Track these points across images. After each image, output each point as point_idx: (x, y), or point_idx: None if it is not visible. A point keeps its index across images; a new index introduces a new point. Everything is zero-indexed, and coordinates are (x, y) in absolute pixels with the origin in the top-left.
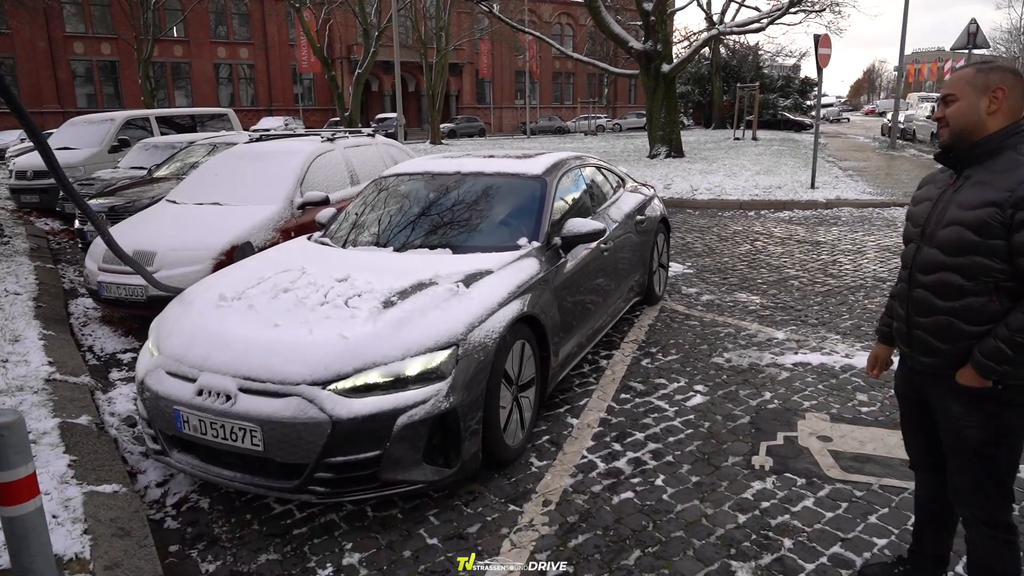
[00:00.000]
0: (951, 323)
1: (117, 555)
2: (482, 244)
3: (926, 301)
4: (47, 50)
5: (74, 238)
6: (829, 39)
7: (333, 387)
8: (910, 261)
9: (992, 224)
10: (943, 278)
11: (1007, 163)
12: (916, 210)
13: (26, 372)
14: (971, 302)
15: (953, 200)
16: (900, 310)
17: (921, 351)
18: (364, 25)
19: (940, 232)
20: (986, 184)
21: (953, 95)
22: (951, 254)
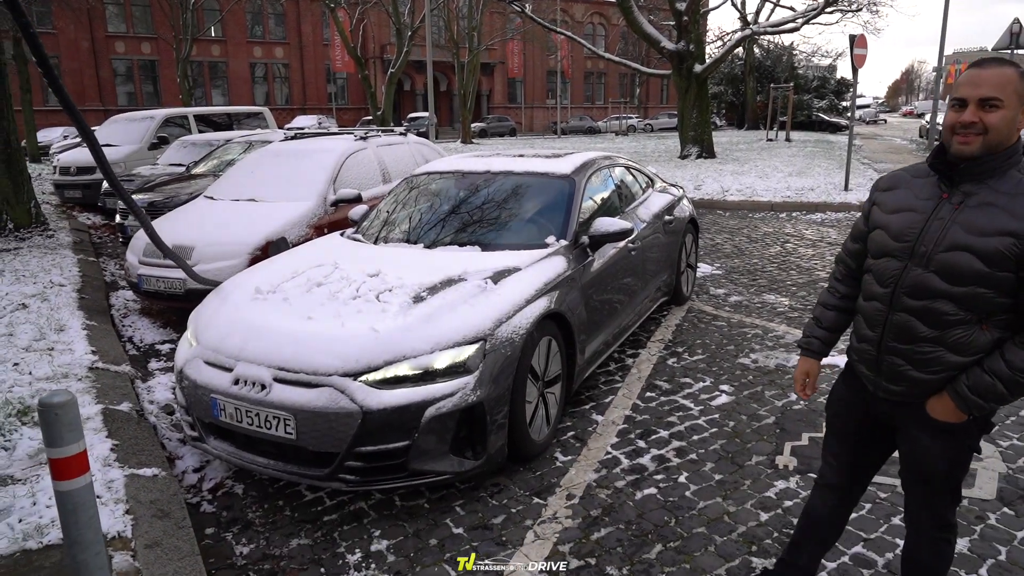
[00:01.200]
0: (935, 352)
1: (157, 535)
2: (511, 242)
3: (909, 327)
4: (90, 49)
5: (115, 232)
6: (865, 39)
7: (364, 379)
8: (893, 281)
9: (1007, 256)
10: (935, 306)
11: (1016, 186)
12: (895, 220)
13: (71, 360)
14: (961, 332)
15: (956, 220)
16: (868, 331)
17: (891, 378)
18: (397, 25)
19: (941, 256)
20: (997, 208)
21: (998, 100)
22: (954, 282)
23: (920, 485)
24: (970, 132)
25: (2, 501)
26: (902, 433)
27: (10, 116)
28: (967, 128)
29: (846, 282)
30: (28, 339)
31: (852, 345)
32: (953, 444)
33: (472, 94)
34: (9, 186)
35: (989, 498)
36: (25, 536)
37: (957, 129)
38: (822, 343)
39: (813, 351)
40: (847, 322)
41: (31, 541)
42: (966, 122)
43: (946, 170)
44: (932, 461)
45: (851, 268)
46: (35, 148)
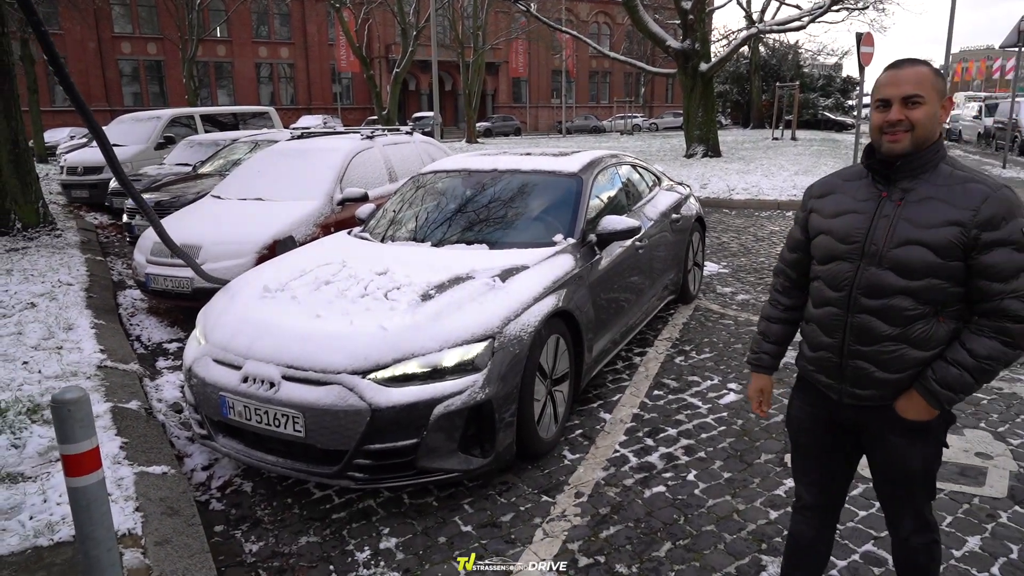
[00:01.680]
0: (899, 349)
1: (167, 532)
2: (518, 240)
3: (870, 327)
4: (96, 50)
5: (122, 232)
6: (872, 37)
7: (373, 376)
8: (848, 283)
9: (956, 245)
10: (893, 303)
11: (949, 178)
12: (839, 224)
13: (79, 359)
14: (921, 326)
15: (901, 216)
16: (827, 338)
17: (856, 383)
18: (402, 25)
19: (893, 252)
20: (938, 200)
21: (920, 96)
22: (909, 277)
23: (899, 489)
24: (898, 130)
25: (13, 498)
26: (873, 439)
27: (18, 116)
28: (895, 126)
29: (788, 293)
30: (37, 338)
31: (805, 356)
32: (925, 442)
33: (477, 94)
34: (17, 186)
35: (1000, 496)
36: (36, 533)
37: (885, 129)
38: (772, 357)
39: (764, 367)
40: (793, 333)
41: (42, 538)
42: (893, 120)
43: (882, 169)
44: (908, 463)
45: (792, 279)
46: (42, 148)
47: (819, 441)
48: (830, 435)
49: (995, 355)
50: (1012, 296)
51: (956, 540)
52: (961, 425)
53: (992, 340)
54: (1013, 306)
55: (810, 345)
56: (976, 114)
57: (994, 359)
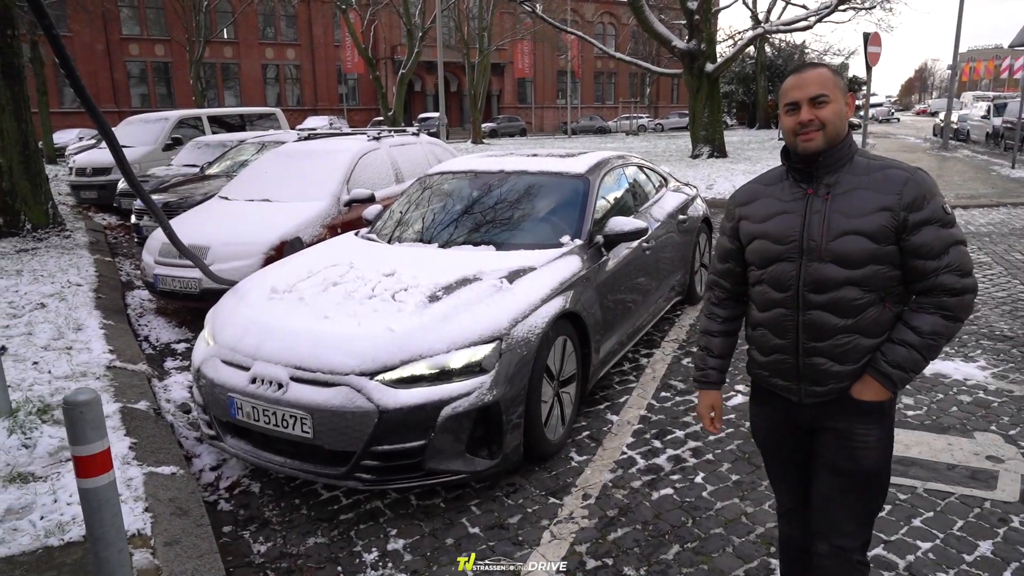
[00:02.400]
0: (853, 340)
1: (176, 532)
2: (525, 241)
3: (823, 322)
4: (105, 52)
5: (130, 233)
6: (879, 37)
7: (380, 378)
8: (792, 282)
9: (888, 229)
10: (842, 294)
11: (869, 167)
12: (773, 226)
13: (88, 359)
14: (870, 313)
15: (832, 209)
16: (779, 340)
17: (815, 380)
18: (408, 26)
19: (832, 245)
20: (864, 189)
21: (826, 95)
22: (851, 266)
23: (854, 486)
24: (810, 129)
25: (24, 498)
26: (830, 430)
27: (28, 118)
28: (806, 126)
29: (724, 305)
30: (47, 338)
31: (758, 362)
32: (880, 427)
33: (482, 94)
34: (27, 187)
35: (1012, 500)
36: (47, 533)
37: (798, 130)
38: (718, 372)
39: (712, 382)
40: (734, 344)
41: (53, 538)
42: (804, 121)
43: (804, 168)
44: (866, 451)
45: (727, 289)
46: (51, 150)
47: (785, 445)
48: (793, 437)
49: (938, 330)
50: (946, 271)
51: (967, 544)
52: (972, 428)
53: (933, 316)
54: (948, 280)
55: (761, 350)
56: (984, 114)
57: (938, 334)
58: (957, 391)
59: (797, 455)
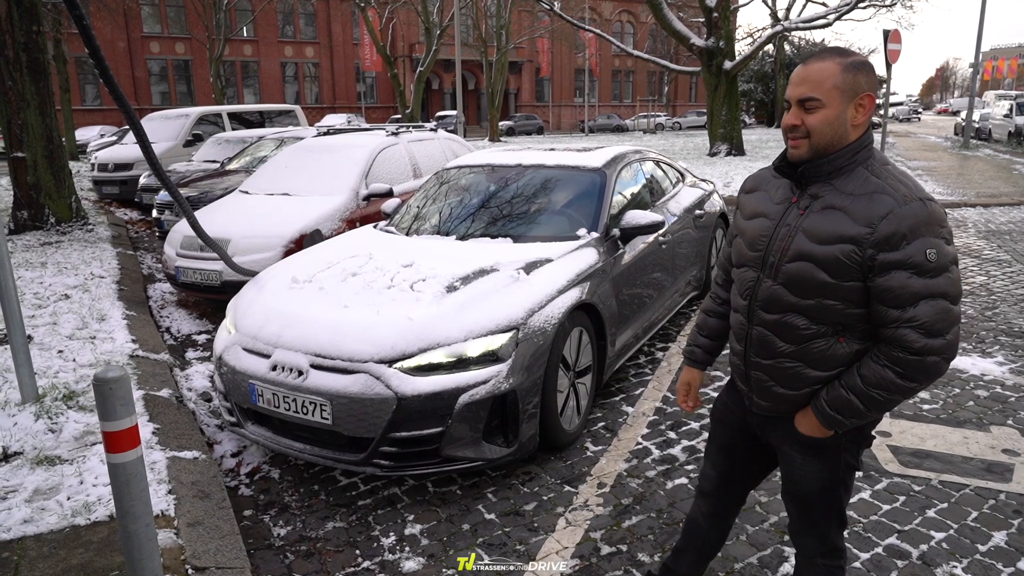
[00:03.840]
0: (795, 368)
1: (198, 514)
2: (542, 234)
3: (767, 341)
4: (126, 50)
5: (151, 227)
6: (899, 34)
7: (399, 365)
8: (749, 293)
9: (848, 264)
10: (788, 319)
11: (862, 185)
12: (751, 228)
13: (112, 348)
14: (817, 344)
15: (800, 227)
16: (737, 344)
17: (759, 393)
18: (426, 24)
19: (786, 267)
20: (838, 211)
21: (817, 100)
22: (801, 295)
23: (800, 507)
24: (797, 135)
25: (51, 480)
26: (778, 452)
27: (52, 113)
28: (792, 131)
29: (727, 287)
30: (71, 328)
31: (729, 356)
32: (826, 461)
33: (500, 92)
34: (51, 181)
35: None
36: (74, 513)
37: (787, 132)
38: (705, 352)
39: (697, 360)
40: (728, 330)
41: (79, 518)
42: (788, 125)
43: (792, 172)
44: (807, 481)
45: (729, 272)
46: (73, 147)
47: (732, 437)
48: (739, 434)
49: (885, 384)
50: (908, 325)
51: (982, 535)
52: (988, 422)
53: (884, 369)
54: (909, 336)
55: (730, 346)
56: (1007, 112)
57: (884, 388)
58: (974, 386)
59: (737, 450)
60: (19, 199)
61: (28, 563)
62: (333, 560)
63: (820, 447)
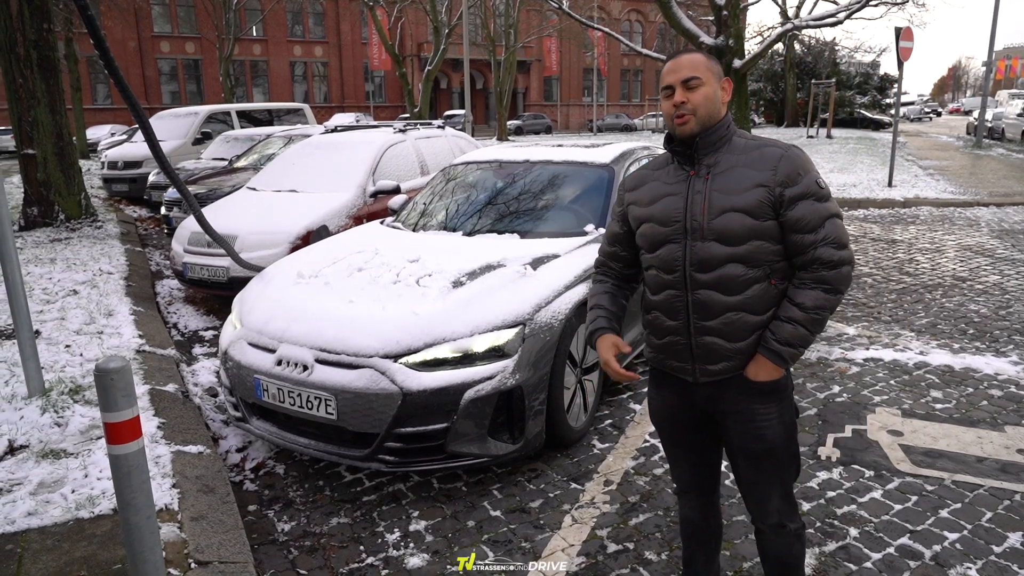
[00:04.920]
0: (740, 318)
1: (202, 508)
2: (549, 230)
3: (711, 301)
4: (136, 49)
5: (160, 224)
6: (911, 32)
7: (404, 360)
8: (679, 262)
9: (765, 204)
10: (727, 271)
11: (747, 146)
12: (658, 208)
13: (119, 343)
14: (756, 290)
15: (712, 189)
16: (672, 321)
17: (708, 359)
18: (435, 23)
19: (713, 223)
20: (741, 167)
21: (698, 78)
22: (733, 243)
23: (765, 463)
24: (684, 112)
25: (56, 473)
26: (730, 414)
27: (62, 111)
28: (680, 108)
29: (609, 275)
30: (79, 323)
31: (653, 345)
32: (783, 403)
33: (508, 92)
34: (61, 178)
35: None
36: (78, 506)
37: (673, 113)
38: (608, 319)
39: (603, 327)
40: (624, 309)
41: (83, 511)
42: (678, 102)
43: (684, 151)
44: (771, 430)
45: (613, 270)
46: (84, 145)
47: (681, 427)
48: (691, 420)
49: (820, 303)
50: (823, 244)
51: (996, 536)
52: (1002, 422)
53: (815, 290)
54: (825, 253)
55: (655, 334)
56: (1021, 112)
57: (820, 307)
58: (988, 385)
59: (693, 436)
60: (29, 196)
61: (31, 556)
62: (337, 556)
63: (776, 391)
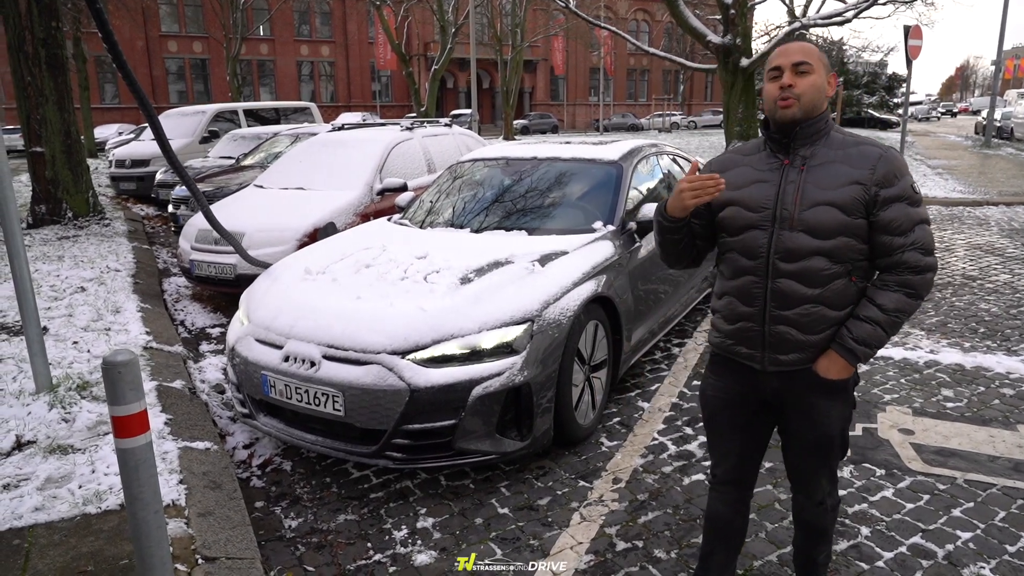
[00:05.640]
0: (818, 311)
1: (209, 504)
2: (557, 227)
3: (791, 291)
4: (144, 48)
5: (167, 222)
6: (920, 30)
7: (412, 357)
8: (763, 250)
9: (859, 202)
10: (811, 264)
11: (844, 142)
12: (747, 194)
13: (126, 340)
14: (836, 285)
15: (806, 180)
16: (746, 308)
17: (780, 349)
18: (441, 22)
19: (805, 214)
20: (838, 163)
21: (809, 64)
22: (822, 237)
23: (819, 452)
24: (789, 95)
25: (63, 468)
26: (795, 405)
27: (70, 109)
28: (786, 91)
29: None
30: (86, 319)
31: (722, 331)
32: (843, 401)
33: (515, 91)
34: (69, 176)
35: None
36: (85, 501)
37: (778, 96)
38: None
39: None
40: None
41: (90, 506)
42: (785, 84)
43: (781, 138)
44: (829, 423)
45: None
46: (92, 144)
47: (735, 418)
48: (746, 411)
49: (901, 307)
50: (911, 248)
51: (1010, 536)
52: (1015, 420)
53: (897, 293)
54: (912, 258)
55: (727, 319)
56: None
57: (901, 311)
58: (1000, 384)
59: (745, 431)
60: (37, 194)
61: (38, 551)
62: (344, 553)
63: (842, 388)
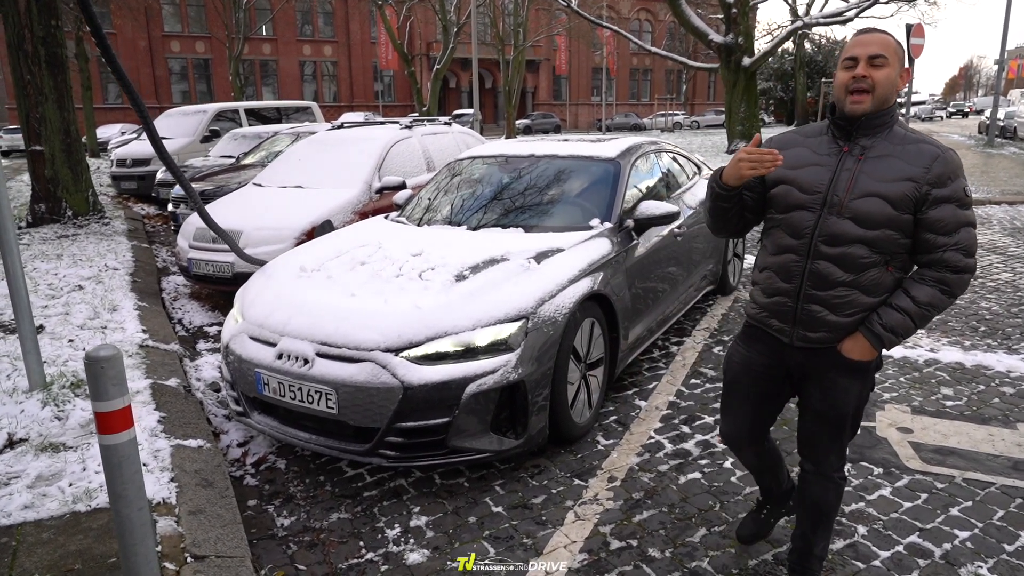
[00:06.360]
0: (852, 295)
1: (200, 503)
2: (554, 224)
3: (828, 273)
4: (147, 48)
5: (167, 222)
6: (922, 28)
7: (405, 354)
8: (808, 231)
9: (909, 198)
10: (852, 251)
11: (903, 139)
12: (803, 175)
13: (122, 338)
14: (873, 273)
15: (862, 170)
16: (784, 284)
17: (809, 326)
18: (443, 22)
19: (854, 203)
20: (894, 158)
21: (885, 57)
22: (867, 227)
23: (832, 427)
24: (863, 85)
25: (54, 466)
26: (816, 380)
27: (70, 107)
28: (859, 82)
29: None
30: (83, 318)
31: (758, 303)
32: (862, 382)
33: (517, 91)
34: (68, 175)
35: None
36: (75, 499)
37: (850, 87)
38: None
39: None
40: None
41: (80, 504)
42: (859, 75)
43: (845, 126)
44: (846, 400)
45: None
46: (94, 144)
47: (756, 386)
48: (768, 382)
49: (934, 302)
50: (953, 248)
51: (1008, 535)
52: (1015, 419)
53: (932, 288)
54: (953, 258)
55: (765, 292)
56: None
57: (933, 306)
58: (999, 383)
59: (763, 400)
60: (37, 192)
61: (26, 549)
62: (336, 551)
63: (863, 369)
